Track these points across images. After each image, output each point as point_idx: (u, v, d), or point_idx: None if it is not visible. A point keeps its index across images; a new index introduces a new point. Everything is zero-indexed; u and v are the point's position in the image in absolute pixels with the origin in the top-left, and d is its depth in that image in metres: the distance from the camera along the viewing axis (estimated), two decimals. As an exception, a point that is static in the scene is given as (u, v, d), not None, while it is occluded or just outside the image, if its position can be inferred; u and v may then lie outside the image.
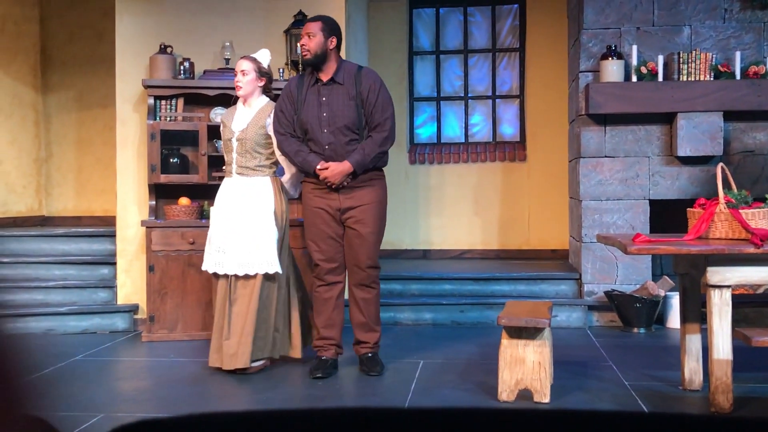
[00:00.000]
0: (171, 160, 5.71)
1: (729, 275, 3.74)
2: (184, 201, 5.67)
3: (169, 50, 5.82)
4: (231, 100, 4.96)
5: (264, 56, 4.78)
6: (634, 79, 5.86)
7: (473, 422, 0.68)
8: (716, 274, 3.73)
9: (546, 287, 6.23)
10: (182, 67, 5.78)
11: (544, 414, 0.68)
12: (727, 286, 3.74)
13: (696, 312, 4.20)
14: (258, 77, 4.69)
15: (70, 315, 5.86)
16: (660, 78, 5.83)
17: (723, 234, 3.83)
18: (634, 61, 5.86)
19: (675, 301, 5.65)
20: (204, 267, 4.72)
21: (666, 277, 5.84)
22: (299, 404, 4.08)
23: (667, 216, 5.86)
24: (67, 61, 7.43)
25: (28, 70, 7.31)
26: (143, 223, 5.65)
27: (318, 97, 4.49)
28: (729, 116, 5.85)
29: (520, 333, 3.91)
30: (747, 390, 4.11)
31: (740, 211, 3.77)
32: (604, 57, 5.92)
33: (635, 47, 5.89)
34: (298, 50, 4.72)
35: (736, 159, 5.92)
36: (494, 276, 6.32)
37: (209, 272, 4.71)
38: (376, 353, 4.65)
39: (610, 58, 5.88)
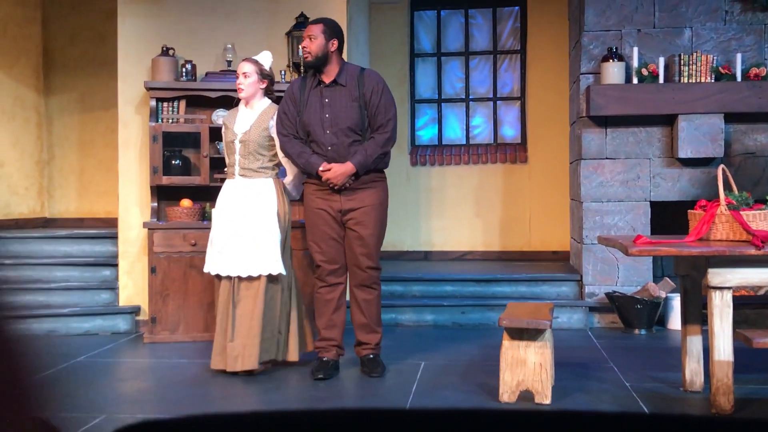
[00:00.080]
0: (173, 162, 5.71)
1: (730, 277, 3.74)
2: (186, 203, 5.68)
3: (171, 52, 5.83)
4: (233, 102, 4.96)
5: (266, 58, 4.79)
6: (635, 81, 5.86)
7: (474, 423, 0.68)
8: (717, 276, 3.73)
9: (547, 289, 6.24)
10: (184, 69, 5.79)
11: (546, 415, 0.69)
12: (728, 288, 3.75)
13: (697, 313, 4.21)
14: (260, 79, 4.70)
15: (72, 316, 5.87)
16: (661, 80, 5.83)
17: (724, 236, 3.83)
18: (635, 63, 5.86)
19: (676, 303, 5.65)
20: (206, 269, 4.72)
21: (667, 279, 5.84)
22: (301, 405, 4.08)
23: (668, 218, 5.86)
24: (70, 64, 7.44)
25: (31, 72, 7.32)
26: (145, 225, 5.66)
27: (320, 99, 4.50)
28: (730, 118, 5.85)
29: (522, 334, 3.91)
30: (748, 391, 4.11)
31: (741, 213, 3.77)
32: (605, 59, 5.92)
33: (636, 49, 5.89)
34: (300, 52, 4.73)
35: (737, 161, 5.93)
36: (495, 277, 6.33)
37: (211, 274, 4.71)
38: (378, 354, 4.65)
39: (611, 60, 5.89)
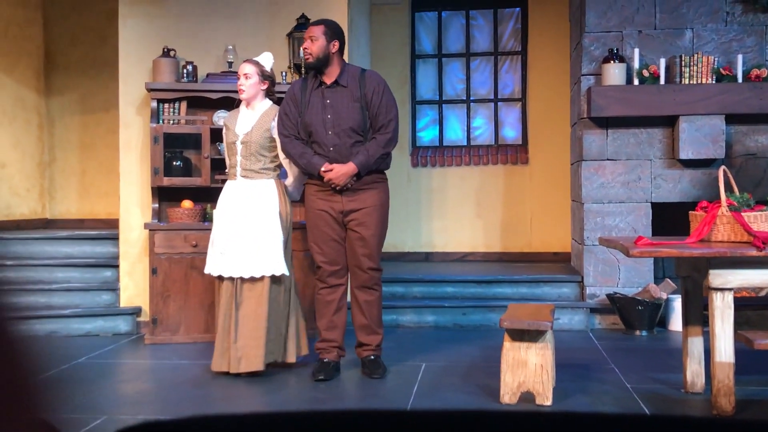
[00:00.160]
0: (174, 163, 5.72)
1: (731, 278, 3.74)
2: (187, 204, 5.68)
3: (172, 54, 5.83)
4: (234, 104, 4.96)
5: (267, 59, 4.79)
6: (636, 83, 5.86)
7: (475, 425, 0.68)
8: (718, 277, 3.73)
9: (548, 290, 6.23)
10: (185, 71, 5.79)
11: (547, 416, 0.69)
12: (729, 289, 3.74)
13: (698, 315, 4.20)
14: (261, 80, 4.70)
15: (73, 317, 5.87)
16: (662, 81, 5.83)
17: (725, 237, 3.83)
18: (636, 65, 5.86)
19: (677, 304, 5.64)
20: (207, 270, 4.71)
21: (668, 280, 5.83)
22: (301, 407, 4.08)
23: (669, 219, 5.86)
24: (71, 65, 7.45)
25: (32, 74, 7.32)
26: (146, 226, 5.66)
27: (322, 100, 4.50)
28: (731, 119, 5.85)
29: (523, 336, 3.91)
30: (749, 393, 4.11)
31: (742, 214, 3.77)
32: (606, 60, 5.92)
33: (637, 50, 5.89)
34: (301, 53, 4.73)
35: (738, 162, 5.92)
36: (496, 279, 6.32)
37: (213, 275, 4.70)
38: (379, 356, 4.65)
39: (612, 62, 5.89)
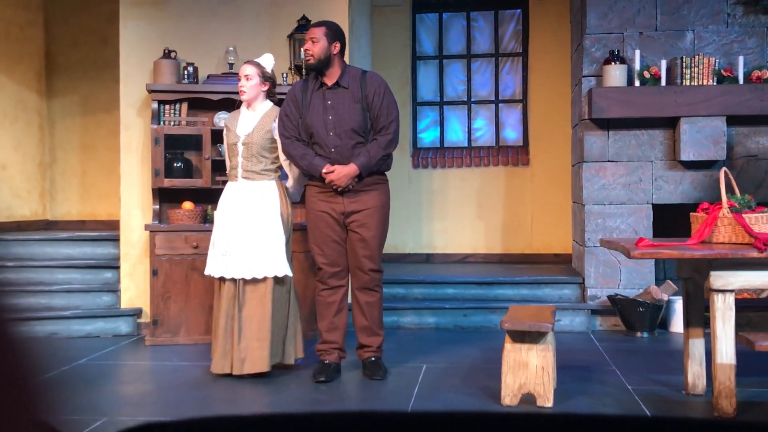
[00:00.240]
0: (175, 165, 5.72)
1: (732, 280, 3.73)
2: (188, 205, 5.68)
3: (173, 55, 5.83)
4: (235, 105, 4.96)
5: (267, 61, 4.79)
6: (637, 84, 5.86)
7: (476, 426, 0.68)
8: (719, 279, 3.73)
9: (549, 291, 6.23)
10: (186, 72, 5.80)
11: (548, 418, 0.69)
12: (731, 291, 3.74)
13: (699, 316, 4.20)
14: (262, 82, 4.70)
15: (74, 319, 5.87)
16: (663, 82, 5.83)
17: (726, 238, 3.82)
18: (637, 66, 5.86)
19: (678, 306, 5.64)
20: (208, 271, 4.71)
21: (669, 282, 5.83)
22: (302, 408, 4.08)
23: (670, 220, 5.85)
24: (72, 66, 7.45)
25: (33, 75, 7.33)
26: (147, 227, 5.66)
27: (323, 101, 4.50)
28: (732, 121, 5.84)
29: (524, 337, 3.91)
30: (750, 394, 4.10)
31: (743, 216, 3.77)
32: (607, 62, 5.92)
33: (638, 52, 5.89)
34: (302, 55, 4.73)
35: (740, 163, 5.92)
36: (497, 280, 6.32)
37: (214, 277, 4.68)
38: (380, 357, 4.64)
39: (613, 63, 5.89)
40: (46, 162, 7.45)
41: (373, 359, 4.61)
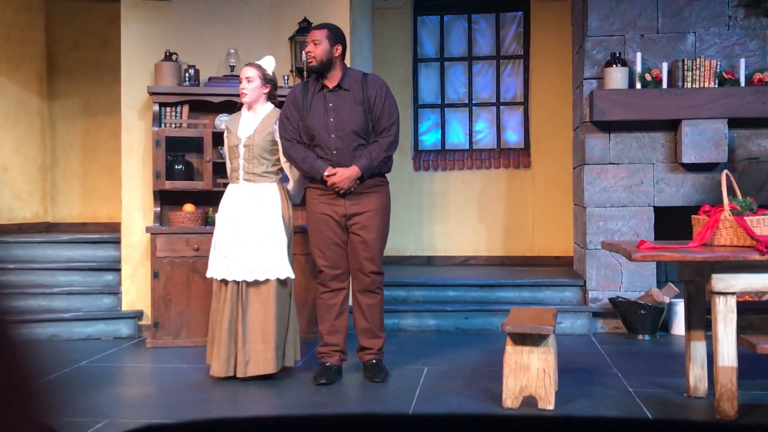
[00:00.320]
0: (176, 167, 5.72)
1: (734, 282, 3.73)
2: (189, 207, 5.68)
3: (175, 57, 5.84)
4: (236, 107, 4.96)
5: (268, 63, 4.80)
6: (639, 86, 5.86)
7: (477, 429, 0.68)
8: (721, 281, 3.72)
9: (550, 294, 6.23)
10: (187, 74, 5.80)
11: (549, 421, 0.68)
12: (732, 293, 3.74)
13: (701, 319, 4.20)
14: (263, 84, 4.70)
15: (75, 321, 5.87)
16: (664, 85, 5.82)
17: (728, 241, 3.82)
18: (639, 68, 5.86)
19: (680, 308, 5.63)
20: (210, 274, 4.70)
21: (671, 284, 5.83)
22: (303, 411, 4.08)
23: (672, 223, 5.85)
24: (73, 69, 7.46)
25: (34, 77, 7.33)
26: (148, 230, 5.66)
27: (324, 103, 4.50)
28: (733, 123, 5.84)
29: (525, 340, 3.90)
30: (752, 397, 4.10)
31: (745, 218, 3.76)
32: (609, 64, 5.92)
33: (639, 54, 5.89)
34: (303, 57, 4.73)
35: (741, 166, 5.92)
36: (498, 282, 6.32)
37: (217, 279, 4.67)
38: (381, 360, 4.64)
39: (615, 65, 5.89)
40: (48, 164, 7.46)
41: (374, 361, 4.61)
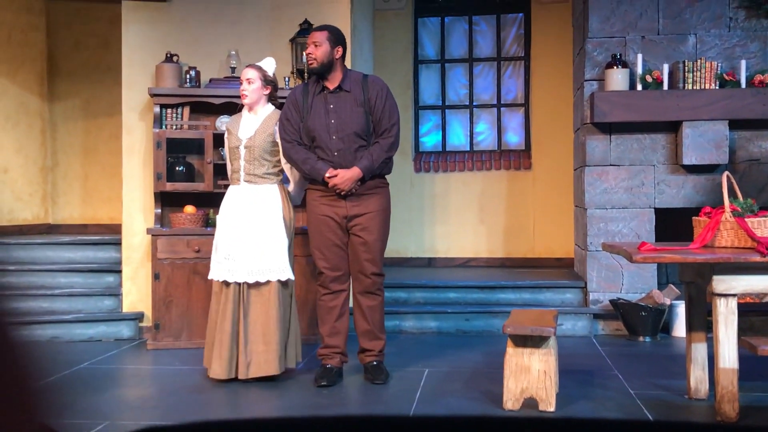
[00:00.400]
0: (177, 169, 5.72)
1: (735, 284, 3.73)
2: (190, 209, 5.68)
3: (175, 59, 5.84)
4: (237, 109, 4.96)
5: (269, 64, 4.80)
6: (639, 88, 5.86)
7: (478, 431, 0.68)
8: (722, 283, 3.72)
9: (551, 295, 6.22)
10: (188, 76, 5.80)
11: (550, 422, 0.68)
12: (733, 295, 3.74)
13: (702, 321, 4.19)
14: (263, 85, 4.71)
15: (76, 323, 5.87)
16: (665, 86, 5.82)
17: (729, 243, 3.82)
18: (639, 70, 5.86)
19: (681, 310, 5.63)
20: (211, 275, 4.70)
21: (671, 286, 5.82)
22: (304, 412, 4.08)
23: (673, 225, 5.85)
24: (74, 70, 7.46)
25: (35, 79, 7.34)
26: (149, 231, 5.66)
27: (325, 105, 4.50)
28: (734, 125, 5.84)
29: (526, 341, 3.90)
30: (753, 399, 4.09)
31: (746, 220, 3.76)
32: (609, 66, 5.92)
33: (640, 56, 5.89)
34: (304, 59, 4.73)
35: (742, 167, 5.92)
36: (499, 284, 6.31)
37: (218, 281, 4.66)
38: (381, 361, 4.64)
39: (615, 67, 5.89)
40: (48, 165, 7.46)
41: (375, 363, 4.61)
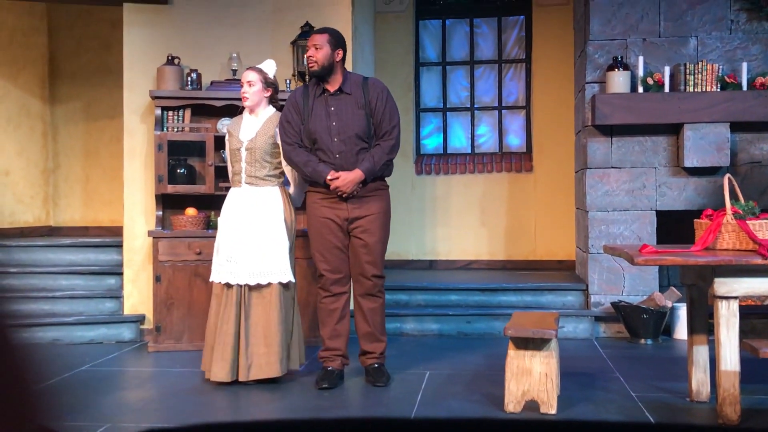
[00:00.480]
0: (178, 171, 5.73)
1: (736, 286, 3.72)
2: (191, 211, 5.68)
3: (177, 61, 5.84)
4: (238, 111, 4.97)
5: (269, 67, 4.80)
6: (641, 90, 5.86)
7: (480, 433, 0.67)
8: (723, 285, 3.72)
9: (553, 298, 6.22)
10: (189, 78, 5.81)
11: (551, 425, 0.68)
12: (735, 297, 3.73)
13: (703, 323, 4.19)
14: (264, 88, 4.71)
15: (77, 325, 5.87)
16: (666, 89, 5.82)
17: (730, 245, 3.81)
18: (641, 72, 5.86)
19: (682, 312, 5.63)
20: (212, 278, 4.70)
21: (673, 288, 5.82)
22: (305, 415, 4.07)
23: (674, 227, 5.84)
24: (75, 73, 7.47)
25: (36, 81, 7.34)
26: (150, 234, 5.66)
27: (326, 107, 4.51)
28: (736, 127, 5.84)
29: (527, 344, 3.90)
30: (755, 401, 4.09)
31: (747, 222, 3.76)
32: (611, 68, 5.92)
33: (641, 58, 5.89)
34: (305, 61, 4.74)
35: (743, 170, 5.91)
36: (501, 286, 6.31)
37: (221, 283, 4.66)
38: (383, 364, 4.64)
39: (617, 69, 5.89)
40: (50, 168, 7.46)
41: (376, 366, 4.61)
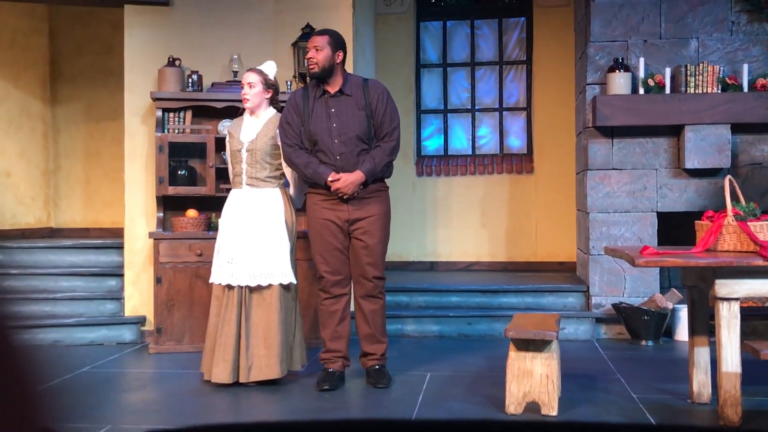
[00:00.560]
0: (179, 172, 5.73)
1: (737, 288, 3.72)
2: (192, 213, 5.68)
3: (178, 63, 5.85)
4: (238, 113, 4.97)
5: (270, 68, 4.80)
6: (642, 92, 5.86)
7: (480, 435, 0.67)
8: (724, 287, 3.71)
9: (554, 299, 6.22)
10: (190, 80, 5.81)
11: (552, 426, 0.68)
12: (736, 299, 3.73)
13: (704, 325, 4.19)
14: (265, 89, 4.71)
15: (78, 327, 5.87)
16: (667, 90, 5.82)
17: (731, 246, 3.81)
18: (642, 74, 5.86)
19: (683, 314, 5.62)
20: (212, 279, 4.70)
21: (674, 290, 5.81)
22: (306, 416, 4.07)
23: (675, 228, 5.84)
24: (76, 74, 7.47)
25: (38, 83, 7.35)
26: (151, 235, 5.66)
27: (326, 109, 4.51)
28: (737, 129, 5.84)
29: (528, 345, 3.90)
30: (756, 403, 4.09)
31: (748, 224, 3.76)
32: (611, 69, 5.92)
33: (642, 60, 5.89)
34: (306, 63, 4.74)
35: (744, 171, 5.91)
36: (501, 288, 6.31)
37: (221, 285, 4.66)
38: (383, 365, 4.63)
39: (617, 71, 5.89)
40: (51, 169, 7.47)
41: (377, 367, 4.60)
